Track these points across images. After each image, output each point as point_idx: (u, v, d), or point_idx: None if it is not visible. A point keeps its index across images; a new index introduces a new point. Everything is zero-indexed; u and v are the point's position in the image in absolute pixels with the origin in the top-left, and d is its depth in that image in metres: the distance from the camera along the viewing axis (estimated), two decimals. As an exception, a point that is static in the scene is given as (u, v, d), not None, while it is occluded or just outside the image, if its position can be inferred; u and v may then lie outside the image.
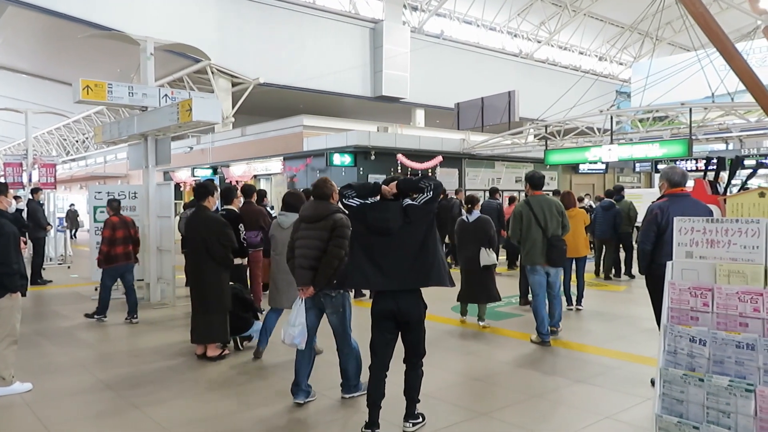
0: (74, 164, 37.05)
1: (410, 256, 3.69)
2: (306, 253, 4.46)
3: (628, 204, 11.31)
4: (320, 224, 4.46)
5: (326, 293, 4.45)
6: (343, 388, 4.65)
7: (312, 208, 4.57)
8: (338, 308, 4.49)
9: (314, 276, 4.40)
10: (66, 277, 12.17)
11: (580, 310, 8.18)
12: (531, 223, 6.30)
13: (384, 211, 3.74)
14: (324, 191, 4.59)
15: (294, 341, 4.35)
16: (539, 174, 6.54)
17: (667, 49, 33.59)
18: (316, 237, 4.46)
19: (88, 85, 8.36)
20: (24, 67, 28.96)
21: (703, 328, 2.84)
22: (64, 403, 4.72)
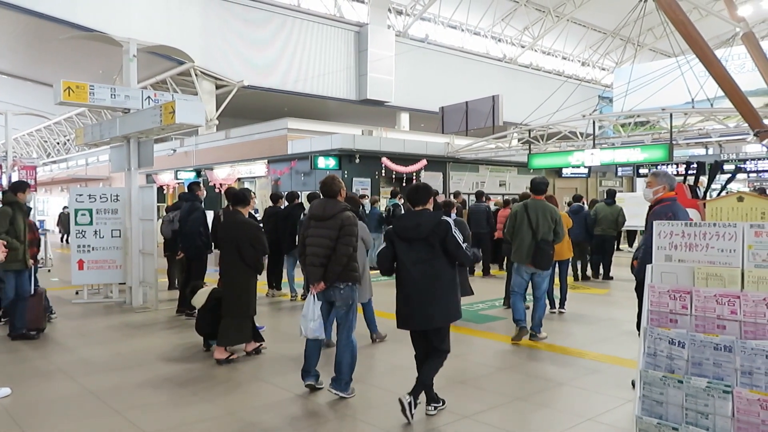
0: (55, 166, 36.57)
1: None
2: (316, 251, 4.63)
3: (618, 209, 11.44)
4: (329, 222, 4.62)
5: (336, 286, 4.63)
6: (333, 382, 4.70)
7: (321, 207, 4.71)
8: (347, 300, 4.69)
9: (325, 272, 4.57)
10: (46, 281, 11.99)
11: (563, 313, 8.25)
12: (523, 224, 6.53)
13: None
14: (333, 189, 4.73)
15: (315, 334, 4.60)
16: (539, 179, 6.75)
17: (648, 54, 34.04)
18: (325, 235, 4.61)
19: (69, 87, 8.27)
20: (4, 67, 28.56)
21: (682, 331, 2.89)
22: (45, 408, 4.66)
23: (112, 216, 9.34)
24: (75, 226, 9.24)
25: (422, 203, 4.35)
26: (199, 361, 6.01)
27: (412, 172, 17.63)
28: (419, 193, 4.37)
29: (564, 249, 8.12)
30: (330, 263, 4.56)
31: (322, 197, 4.82)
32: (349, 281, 4.65)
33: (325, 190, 4.77)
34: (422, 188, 4.41)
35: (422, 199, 4.36)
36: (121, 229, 9.33)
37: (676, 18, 11.56)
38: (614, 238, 11.72)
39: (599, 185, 24.72)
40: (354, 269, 4.66)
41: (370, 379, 5.23)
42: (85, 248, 9.21)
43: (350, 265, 4.62)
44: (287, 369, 5.63)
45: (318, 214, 4.70)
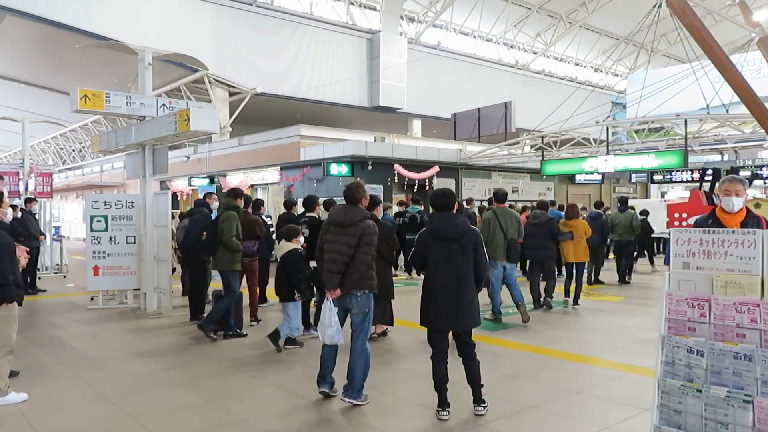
0: (71, 173, 36.95)
1: None
2: (335, 257, 4.60)
3: (631, 215, 11.91)
4: (349, 230, 4.60)
5: (353, 293, 4.64)
6: (345, 391, 4.69)
7: (342, 213, 4.70)
8: (363, 308, 4.70)
9: (342, 279, 4.58)
10: (62, 287, 12.12)
11: (576, 308, 9.09)
12: (496, 229, 7.83)
13: None
14: (355, 195, 4.73)
15: (333, 339, 4.61)
16: (503, 191, 8.32)
17: (662, 60, 33.85)
18: (344, 242, 4.59)
19: (86, 95, 8.37)
20: (21, 76, 28.95)
21: (700, 339, 2.85)
22: (60, 413, 4.69)
23: (127, 222, 9.42)
24: (90, 232, 9.33)
25: (450, 207, 4.50)
26: (211, 368, 6.03)
27: (425, 179, 17.62)
28: (446, 198, 4.52)
29: (580, 253, 9.27)
30: (348, 271, 4.56)
31: (343, 203, 4.81)
32: (366, 289, 4.65)
33: (348, 195, 4.76)
34: (449, 193, 4.57)
35: (449, 203, 4.51)
36: (135, 236, 9.41)
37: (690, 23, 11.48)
38: (632, 243, 12.12)
39: (613, 192, 24.57)
40: (371, 277, 4.66)
41: (384, 386, 5.21)
42: (101, 254, 9.29)
43: (368, 273, 4.63)
44: (301, 375, 5.63)
45: (338, 220, 4.68)
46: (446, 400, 4.44)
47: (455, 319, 4.36)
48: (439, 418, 4.38)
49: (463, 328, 4.43)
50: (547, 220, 9.09)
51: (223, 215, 7.26)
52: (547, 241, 9.02)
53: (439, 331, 4.48)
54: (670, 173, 19.33)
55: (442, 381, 4.45)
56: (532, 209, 11.13)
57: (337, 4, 27.21)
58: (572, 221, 9.34)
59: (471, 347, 4.49)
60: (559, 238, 9.10)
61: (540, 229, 9.05)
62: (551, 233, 9.02)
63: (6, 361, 4.89)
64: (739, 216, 3.89)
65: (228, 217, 7.20)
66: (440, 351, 4.47)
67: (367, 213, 4.73)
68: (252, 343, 7.01)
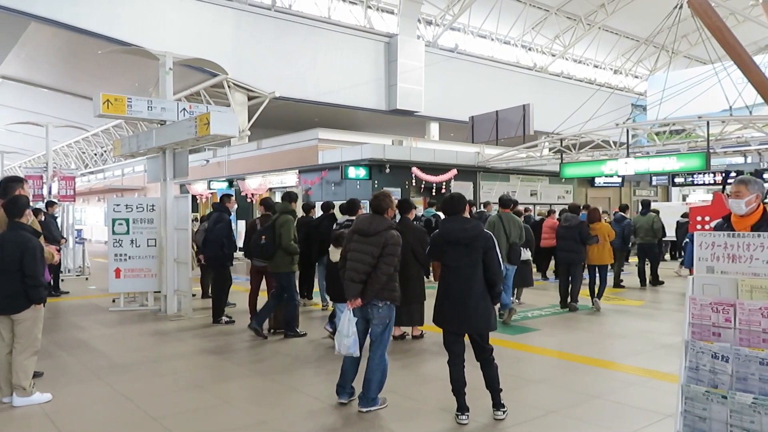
0: (92, 177, 37.52)
1: None
2: (356, 266, 4.56)
3: (652, 218, 11.88)
4: (373, 239, 4.56)
5: (374, 304, 4.60)
6: (360, 401, 4.66)
7: (367, 222, 4.67)
8: (384, 319, 4.66)
9: (363, 289, 4.53)
10: (84, 289, 12.29)
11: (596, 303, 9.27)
12: (500, 232, 8.09)
13: None
14: (381, 205, 4.72)
15: (349, 350, 4.54)
16: (507, 196, 8.76)
17: (683, 62, 33.42)
18: (367, 252, 4.55)
19: (108, 99, 8.49)
20: (44, 81, 29.42)
21: (725, 344, 2.80)
22: (84, 413, 4.75)
23: (148, 225, 9.52)
24: (112, 235, 9.45)
25: (460, 212, 4.48)
26: (231, 369, 6.08)
27: (443, 182, 17.58)
28: (455, 202, 4.50)
29: (604, 255, 9.46)
30: (369, 281, 4.51)
31: (369, 213, 4.82)
32: (387, 300, 4.61)
33: (374, 205, 4.74)
34: (457, 198, 4.54)
35: (459, 207, 4.49)
36: (156, 239, 9.51)
37: (712, 24, 11.36)
38: (655, 246, 12.10)
39: (633, 195, 24.30)
40: (394, 288, 4.62)
41: (402, 389, 5.19)
42: (122, 257, 9.41)
43: (390, 285, 4.58)
44: (319, 379, 5.65)
45: (363, 229, 4.65)
46: (465, 404, 4.42)
47: (465, 321, 4.34)
48: (459, 422, 4.36)
49: (475, 331, 4.39)
50: (578, 223, 9.19)
51: (281, 219, 7.40)
52: (576, 244, 9.12)
53: (453, 333, 4.47)
54: (691, 176, 19.10)
55: (460, 385, 4.44)
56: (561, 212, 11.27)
57: (355, 8, 27.31)
58: (595, 224, 9.48)
59: (488, 352, 4.46)
60: (588, 242, 9.19)
61: (570, 232, 9.16)
62: (581, 237, 9.08)
63: (32, 361, 4.97)
64: (750, 219, 3.68)
65: (286, 221, 7.37)
66: (456, 355, 4.46)
67: (392, 223, 4.69)
68: (271, 346, 7.05)
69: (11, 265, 4.77)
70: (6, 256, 4.78)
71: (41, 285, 4.91)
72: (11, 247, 4.80)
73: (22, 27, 21.33)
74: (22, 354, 4.89)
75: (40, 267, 4.93)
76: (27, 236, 4.91)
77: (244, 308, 8.46)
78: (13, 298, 4.81)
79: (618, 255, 11.39)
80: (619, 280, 11.78)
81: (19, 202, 4.99)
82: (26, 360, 4.91)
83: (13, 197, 5.04)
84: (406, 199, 6.99)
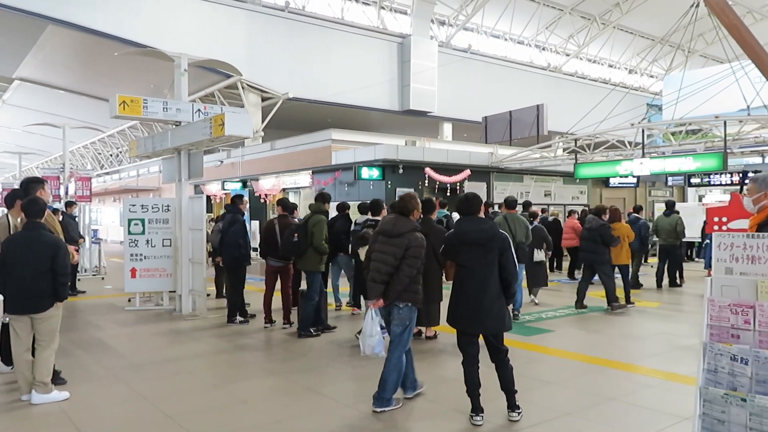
0: (108, 177, 37.89)
1: None
2: (379, 267, 4.59)
3: (676, 219, 11.85)
4: (397, 240, 4.58)
5: (395, 305, 4.61)
6: (375, 401, 4.65)
7: (392, 223, 4.69)
8: (404, 321, 4.65)
9: (386, 290, 4.55)
10: (100, 288, 12.42)
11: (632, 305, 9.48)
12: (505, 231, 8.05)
13: None
14: (407, 207, 4.74)
15: (374, 351, 4.55)
16: (512, 198, 9.00)
17: (699, 61, 33.08)
18: (390, 253, 4.57)
19: (124, 101, 8.57)
20: (61, 83, 29.76)
21: (744, 347, 2.77)
22: (101, 412, 4.80)
23: (163, 225, 9.60)
24: (128, 235, 9.53)
25: (475, 212, 4.47)
26: (247, 369, 6.11)
27: (456, 182, 17.53)
28: (471, 203, 4.50)
29: (622, 255, 9.62)
30: (392, 282, 4.53)
31: (394, 214, 4.81)
32: (409, 302, 4.61)
33: (400, 206, 4.77)
34: (473, 198, 4.53)
35: (475, 208, 4.48)
36: (171, 239, 9.58)
37: (729, 22, 11.23)
38: (677, 247, 12.04)
39: (648, 195, 24.09)
40: (416, 291, 4.63)
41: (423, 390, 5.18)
42: (138, 257, 9.49)
43: (412, 286, 4.59)
44: (335, 379, 5.67)
45: (387, 230, 4.67)
46: (479, 405, 4.41)
47: (480, 321, 4.33)
48: (473, 424, 4.35)
49: (490, 332, 4.38)
50: (599, 225, 9.26)
51: (314, 219, 7.53)
52: (598, 246, 9.18)
53: (466, 333, 4.45)
54: (708, 176, 18.85)
55: (474, 386, 4.43)
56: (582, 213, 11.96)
57: (368, 9, 27.34)
58: (616, 224, 9.62)
59: (503, 353, 4.43)
60: (611, 244, 9.27)
61: (592, 234, 9.24)
62: (602, 239, 9.15)
63: (53, 357, 5.06)
64: (757, 217, 3.70)
65: (319, 221, 7.49)
66: (470, 356, 4.45)
67: (416, 225, 4.70)
68: (286, 346, 7.08)
69: (41, 265, 4.84)
70: (33, 255, 4.85)
71: (68, 283, 5.06)
72: (40, 246, 4.86)
73: (40, 30, 21.59)
74: (47, 350, 4.98)
75: (69, 266, 5.09)
76: (56, 237, 5.01)
77: (258, 308, 8.50)
78: (41, 297, 4.88)
79: (636, 256, 11.46)
80: (636, 281, 11.74)
81: (39, 203, 5.07)
82: (50, 356, 5.01)
83: (32, 198, 5.12)
84: (429, 199, 6.96)
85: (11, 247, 4.92)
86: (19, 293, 4.87)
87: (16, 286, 4.86)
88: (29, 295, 4.86)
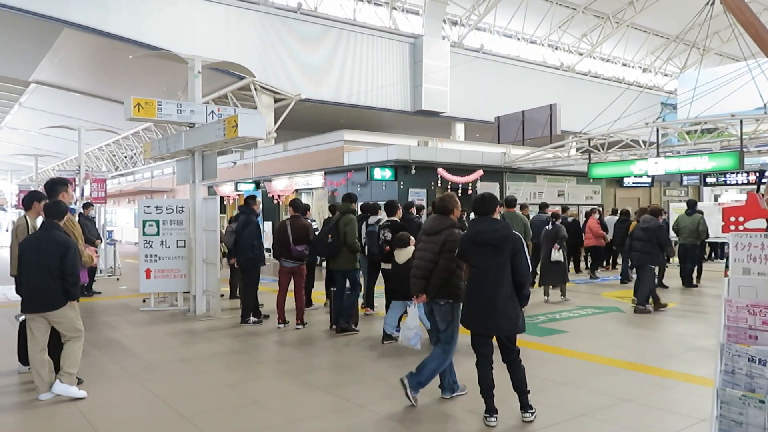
0: (123, 179, 38.25)
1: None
2: (420, 263, 4.84)
3: (698, 219, 11.91)
4: (435, 237, 4.81)
5: (436, 301, 4.78)
6: (409, 376, 4.70)
7: (432, 222, 4.96)
8: (447, 317, 4.79)
9: (427, 285, 4.76)
10: (115, 289, 12.53)
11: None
12: None
13: None
14: (447, 206, 4.95)
15: (410, 343, 4.84)
16: (512, 197, 9.71)
17: (714, 59, 32.75)
18: (429, 249, 4.81)
19: (139, 103, 8.65)
20: (76, 86, 30.13)
21: (763, 348, 2.74)
22: (117, 412, 4.85)
23: (178, 227, 9.66)
24: (143, 236, 9.61)
25: (490, 212, 4.50)
26: (260, 369, 6.14)
27: (468, 183, 17.49)
28: (486, 203, 4.53)
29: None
30: (432, 277, 4.73)
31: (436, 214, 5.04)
32: (449, 298, 4.75)
33: (440, 206, 4.98)
34: (489, 198, 4.58)
35: (490, 208, 4.51)
36: (185, 240, 9.64)
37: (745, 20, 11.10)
38: (697, 247, 12.09)
39: (663, 195, 23.88)
40: (456, 286, 4.75)
41: (429, 390, 5.18)
42: (153, 258, 9.57)
43: (452, 282, 4.74)
44: (348, 380, 5.67)
45: (427, 229, 4.95)
46: (493, 406, 4.40)
47: (491, 322, 4.33)
48: (487, 425, 4.34)
49: (503, 333, 4.37)
50: (657, 226, 9.18)
51: (345, 219, 7.71)
52: (653, 246, 9.09)
53: (480, 335, 4.46)
54: (724, 175, 18.66)
55: (488, 387, 4.42)
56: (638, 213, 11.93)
57: (380, 10, 27.38)
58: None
59: (515, 353, 4.43)
60: (667, 246, 9.39)
61: (648, 234, 9.14)
62: (658, 241, 9.10)
63: (81, 349, 5.15)
64: None
65: (350, 221, 7.69)
66: (484, 356, 4.45)
67: (454, 222, 4.89)
68: (300, 347, 7.10)
69: (50, 264, 4.89)
70: (43, 254, 4.91)
71: (79, 282, 5.10)
72: (48, 246, 4.92)
73: (56, 33, 21.87)
74: (75, 343, 5.08)
75: (79, 266, 5.12)
76: (66, 236, 5.05)
77: (272, 309, 8.53)
78: (51, 296, 4.94)
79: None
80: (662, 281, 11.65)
81: (61, 206, 5.16)
82: (78, 348, 5.09)
83: (56, 200, 5.23)
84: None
85: (26, 247, 5.00)
86: (31, 292, 4.95)
87: (28, 285, 4.95)
88: (40, 294, 4.93)
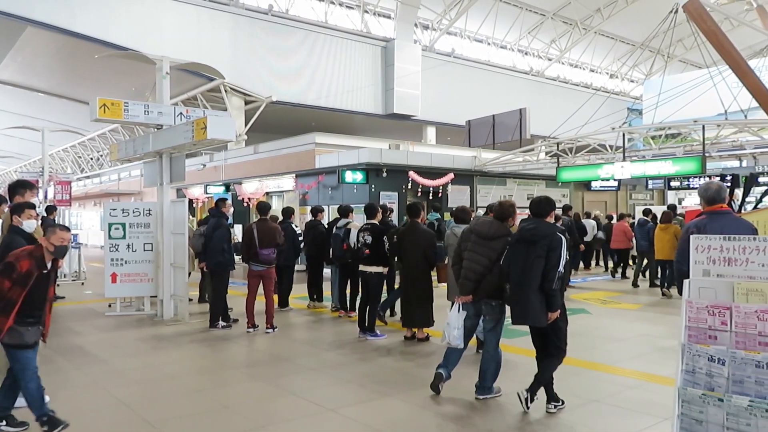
0: (89, 181, 37.43)
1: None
2: (473, 266, 4.93)
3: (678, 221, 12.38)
4: (493, 243, 4.89)
5: (488, 302, 4.98)
6: (477, 390, 4.97)
7: (488, 226, 5.02)
8: (496, 316, 5.00)
9: (476, 288, 4.92)
10: (79, 294, 12.25)
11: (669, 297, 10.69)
12: None
13: None
14: (505, 213, 5.08)
15: (456, 342, 4.96)
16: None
17: (678, 66, 33.57)
18: (485, 255, 4.89)
19: (105, 104, 8.48)
20: (40, 86, 29.43)
21: (721, 347, 2.82)
22: (81, 419, 4.72)
23: (145, 230, 9.49)
24: (109, 240, 9.42)
25: (543, 215, 4.67)
26: (230, 374, 6.06)
27: (439, 186, 17.59)
28: (538, 206, 4.71)
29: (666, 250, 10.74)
30: (485, 281, 4.88)
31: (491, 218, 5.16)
32: (500, 299, 4.90)
33: (498, 211, 5.10)
34: (545, 201, 4.75)
35: (542, 211, 4.68)
36: (153, 243, 9.49)
37: (707, 28, 11.41)
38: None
39: (629, 198, 24.35)
40: (505, 289, 4.86)
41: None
42: (118, 261, 9.38)
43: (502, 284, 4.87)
44: (319, 383, 5.64)
45: (483, 232, 5.00)
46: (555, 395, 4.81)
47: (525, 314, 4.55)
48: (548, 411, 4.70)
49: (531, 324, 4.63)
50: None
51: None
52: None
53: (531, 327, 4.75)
54: (687, 180, 19.13)
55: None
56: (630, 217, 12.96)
57: (352, 13, 27.38)
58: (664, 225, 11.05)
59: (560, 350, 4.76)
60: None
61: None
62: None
63: None
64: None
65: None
66: (536, 349, 4.82)
67: (510, 231, 4.99)
68: (270, 351, 7.04)
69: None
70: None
71: None
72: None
73: (19, 31, 21.33)
74: None
75: None
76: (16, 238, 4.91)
77: (241, 312, 8.45)
78: None
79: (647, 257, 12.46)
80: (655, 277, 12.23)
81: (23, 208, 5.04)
82: None
83: (18, 204, 5.10)
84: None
85: None
86: None
87: None
88: None
